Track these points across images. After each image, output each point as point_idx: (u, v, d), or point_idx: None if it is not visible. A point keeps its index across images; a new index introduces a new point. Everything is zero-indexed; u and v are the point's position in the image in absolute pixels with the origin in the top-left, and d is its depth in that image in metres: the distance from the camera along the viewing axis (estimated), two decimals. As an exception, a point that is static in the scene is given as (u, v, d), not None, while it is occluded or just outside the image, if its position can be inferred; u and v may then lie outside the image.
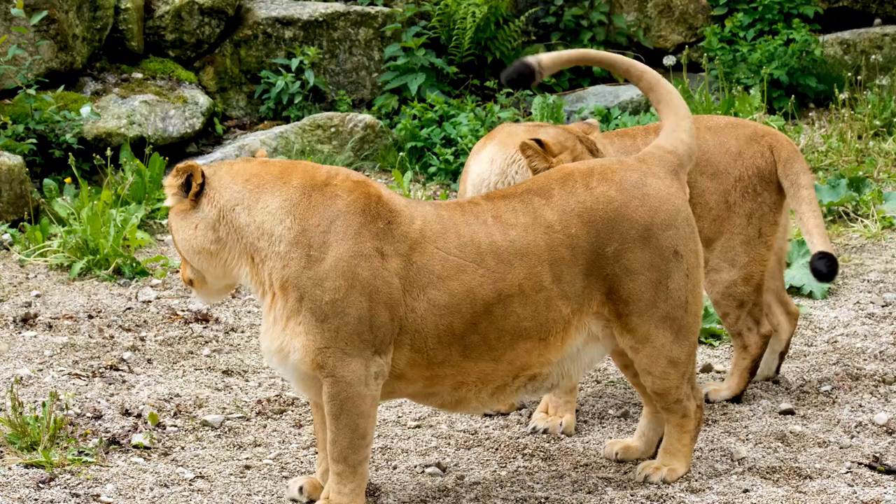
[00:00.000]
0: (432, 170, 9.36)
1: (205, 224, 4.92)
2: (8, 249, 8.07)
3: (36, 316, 7.00)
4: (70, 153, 8.65)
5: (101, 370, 6.34)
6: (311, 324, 4.80)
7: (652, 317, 5.06)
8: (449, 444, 5.67)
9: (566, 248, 4.99)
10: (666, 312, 5.07)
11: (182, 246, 4.99)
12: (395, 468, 5.45)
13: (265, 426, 5.86)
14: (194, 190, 4.93)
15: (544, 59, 5.34)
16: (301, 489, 5.12)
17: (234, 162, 5.02)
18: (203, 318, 7.09)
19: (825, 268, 5.73)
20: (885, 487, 5.18)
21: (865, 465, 5.37)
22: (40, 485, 5.20)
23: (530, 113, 9.82)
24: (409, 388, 5.01)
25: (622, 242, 5.02)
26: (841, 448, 5.54)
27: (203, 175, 4.92)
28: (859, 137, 9.64)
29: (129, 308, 7.20)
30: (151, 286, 7.57)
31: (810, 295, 7.35)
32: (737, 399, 6.03)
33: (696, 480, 5.25)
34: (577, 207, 5.02)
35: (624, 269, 5.02)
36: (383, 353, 4.86)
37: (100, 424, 5.75)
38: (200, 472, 5.39)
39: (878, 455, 5.46)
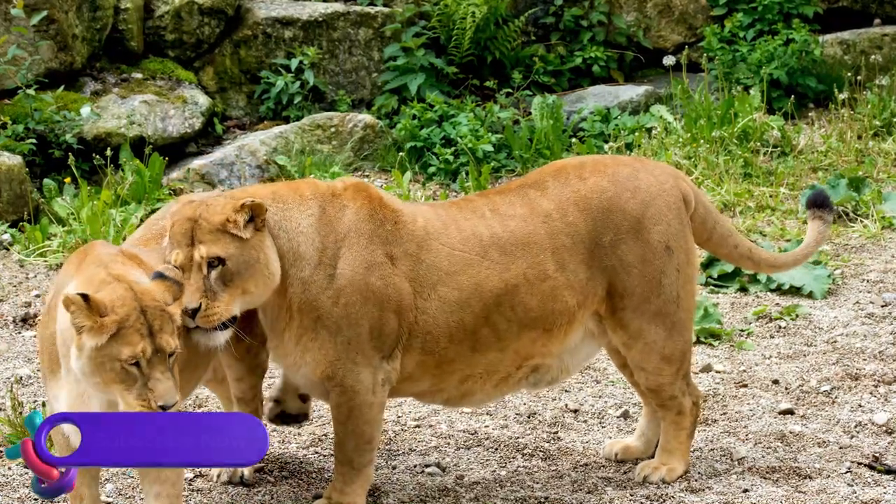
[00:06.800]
0: (432, 170, 9.35)
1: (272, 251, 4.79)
2: (8, 249, 8.07)
3: (36, 316, 6.99)
4: (70, 153, 8.64)
5: (101, 370, 6.33)
6: (325, 338, 4.81)
7: (644, 312, 5.09)
8: (449, 444, 5.67)
9: (566, 236, 5.04)
10: (658, 308, 5.10)
11: (251, 272, 4.70)
12: (395, 468, 5.45)
13: (265, 426, 5.85)
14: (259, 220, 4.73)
15: None
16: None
17: (256, 188, 4.93)
18: (203, 318, 7.07)
19: None
20: (885, 487, 5.18)
21: (865, 465, 5.37)
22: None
23: (529, 113, 9.81)
24: (416, 387, 5.03)
25: (616, 233, 5.07)
26: (841, 448, 5.54)
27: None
28: (859, 137, 9.64)
29: (128, 308, 7.19)
30: (151, 286, 7.55)
31: (810, 295, 7.34)
32: None
33: (696, 480, 5.25)
34: (572, 196, 5.08)
35: (619, 260, 5.06)
36: (391, 360, 4.88)
37: (100, 424, 5.75)
38: (200, 472, 5.39)
39: (877, 455, 5.46)
